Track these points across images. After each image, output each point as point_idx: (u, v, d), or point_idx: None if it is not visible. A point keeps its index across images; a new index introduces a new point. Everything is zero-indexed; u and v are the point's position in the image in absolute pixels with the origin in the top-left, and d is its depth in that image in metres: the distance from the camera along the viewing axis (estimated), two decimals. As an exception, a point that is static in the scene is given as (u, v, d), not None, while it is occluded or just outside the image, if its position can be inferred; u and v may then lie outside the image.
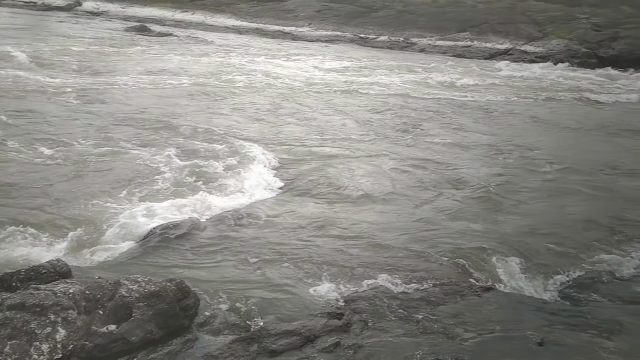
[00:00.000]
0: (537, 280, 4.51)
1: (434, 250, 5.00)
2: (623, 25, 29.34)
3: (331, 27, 32.01)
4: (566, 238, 5.38)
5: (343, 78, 15.58)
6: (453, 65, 21.63)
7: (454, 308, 4.06)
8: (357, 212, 5.88)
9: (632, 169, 8.09)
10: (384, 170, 7.40)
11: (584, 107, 14.03)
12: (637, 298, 4.34)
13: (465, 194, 6.58)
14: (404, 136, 9.49)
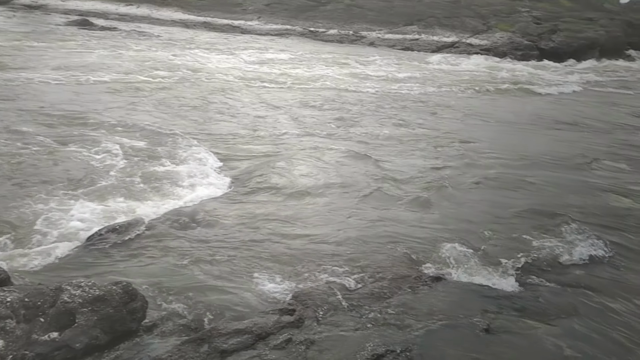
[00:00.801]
0: (484, 268, 4.62)
1: (381, 242, 5.05)
2: (562, 18, 30.52)
3: (281, 20, 31.83)
4: (508, 227, 5.53)
5: (282, 72, 15.43)
6: (393, 58, 21.86)
7: (404, 299, 4.13)
8: (301, 208, 5.83)
9: (567, 159, 8.33)
10: (324, 165, 7.29)
11: (521, 98, 14.48)
12: (578, 283, 4.52)
13: (406, 187, 6.61)
14: (340, 130, 9.42)
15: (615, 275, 4.71)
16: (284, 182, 6.53)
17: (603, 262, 4.93)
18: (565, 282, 4.54)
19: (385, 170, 7.20)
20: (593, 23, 29.21)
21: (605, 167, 7.93)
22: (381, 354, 3.39)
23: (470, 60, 22.63)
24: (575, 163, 8.09)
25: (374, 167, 7.31)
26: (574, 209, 6.09)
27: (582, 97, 15.24)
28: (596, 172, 7.69)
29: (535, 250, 5.03)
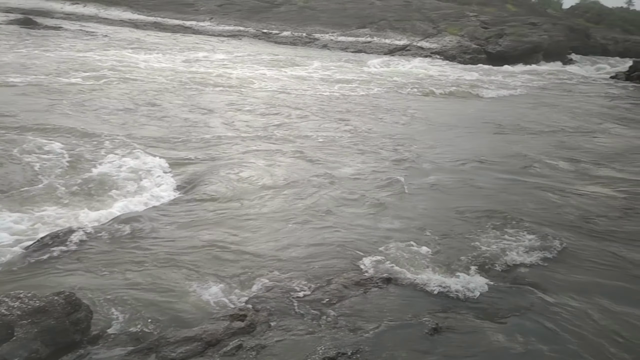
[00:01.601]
0: (433, 269, 4.69)
1: (330, 246, 5.05)
2: (508, 22, 31.60)
3: (233, 21, 31.59)
4: (456, 228, 5.63)
5: (220, 73, 15.18)
6: (336, 59, 21.99)
7: (355, 301, 4.15)
8: (247, 214, 5.74)
9: (510, 161, 8.54)
10: (265, 170, 7.13)
11: (465, 101, 14.81)
12: (525, 281, 4.65)
13: (353, 190, 6.60)
14: (279, 133, 9.29)
15: (561, 272, 4.86)
16: (227, 187, 6.41)
17: (548, 261, 5.07)
18: (513, 280, 4.64)
19: (331, 173, 7.16)
20: (537, 28, 30.36)
21: (546, 167, 8.19)
22: (332, 357, 3.39)
23: (414, 63, 22.97)
24: (518, 165, 8.29)
25: (319, 171, 7.25)
26: (519, 209, 6.27)
27: (524, 99, 15.71)
28: (538, 172, 7.92)
29: (483, 250, 5.14)
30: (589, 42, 36.62)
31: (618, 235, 5.74)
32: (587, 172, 8.09)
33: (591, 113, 13.69)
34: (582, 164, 8.51)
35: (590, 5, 67.27)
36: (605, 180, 7.69)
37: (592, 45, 36.57)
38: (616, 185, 7.45)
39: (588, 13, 63.16)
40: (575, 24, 39.39)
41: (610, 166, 8.47)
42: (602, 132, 11.42)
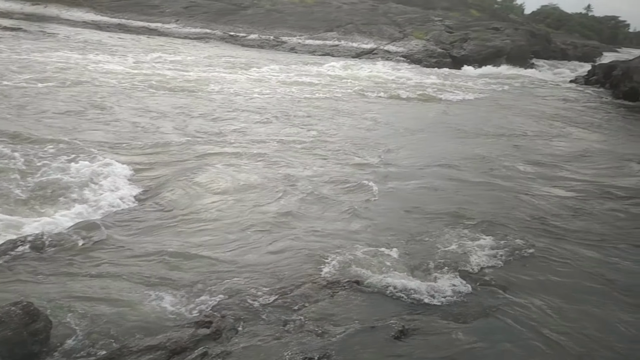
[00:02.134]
0: (400, 271, 4.73)
1: (297, 250, 5.03)
2: (472, 27, 32.24)
3: (200, 24, 31.26)
4: (422, 231, 5.65)
5: (175, 76, 14.86)
6: (302, 63, 21.91)
7: (323, 305, 4.15)
8: (208, 219, 5.64)
9: (473, 163, 8.62)
10: (224, 174, 6.97)
11: (427, 105, 14.89)
12: (491, 282, 4.72)
13: (317, 194, 6.56)
14: (236, 137, 9.01)
15: (522, 272, 4.96)
16: (186, 193, 6.26)
17: (511, 261, 5.17)
18: (478, 281, 4.71)
19: (293, 177, 7.08)
20: (500, 33, 31.04)
21: (506, 170, 8.31)
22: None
23: (377, 67, 23.06)
24: (479, 168, 8.39)
25: (281, 175, 7.15)
26: (481, 211, 6.36)
27: (486, 103, 15.90)
28: (498, 175, 8.03)
29: (448, 252, 5.20)
30: (550, 47, 37.66)
31: (573, 234, 5.91)
32: (545, 174, 8.27)
33: (550, 116, 14.01)
34: (540, 166, 8.70)
35: (550, 11, 69.42)
36: (561, 182, 7.88)
37: (553, 50, 37.62)
38: (571, 186, 7.65)
39: (548, 18, 65.17)
40: (537, 29, 40.52)
41: (566, 168, 8.67)
42: (560, 135, 11.69)
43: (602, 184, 7.82)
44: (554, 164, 8.86)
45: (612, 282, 4.89)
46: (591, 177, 8.19)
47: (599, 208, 6.80)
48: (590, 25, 69.94)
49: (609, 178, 8.20)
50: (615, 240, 5.84)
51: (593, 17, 79.67)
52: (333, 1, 35.41)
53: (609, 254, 5.47)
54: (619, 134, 12.32)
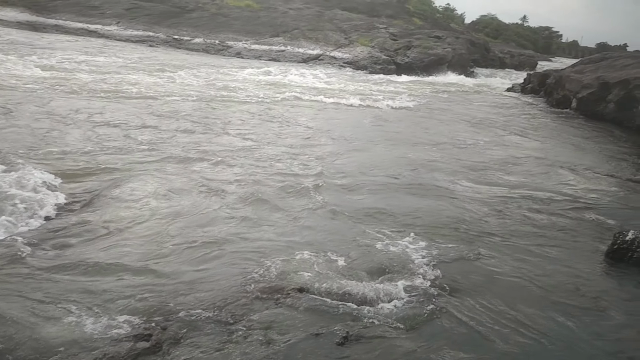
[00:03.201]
0: (344, 278, 4.78)
1: (238, 259, 4.98)
2: (415, 35, 33.06)
3: (142, 26, 30.54)
4: (364, 237, 5.73)
5: (99, 79, 14.33)
6: (236, 67, 21.59)
7: (267, 314, 4.14)
8: (138, 230, 5.44)
9: (407, 170, 8.72)
10: (153, 185, 6.70)
11: (363, 112, 14.76)
12: (435, 286, 4.86)
13: (252, 203, 6.44)
14: (159, 145, 8.66)
15: (463, 276, 5.13)
16: (116, 205, 5.99)
17: (451, 265, 5.34)
18: (421, 286, 4.81)
19: (228, 187, 6.91)
20: (441, 41, 32.00)
21: (442, 175, 8.51)
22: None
23: (312, 72, 22.92)
24: (417, 173, 8.51)
25: (214, 185, 6.93)
26: (422, 216, 6.53)
27: (424, 109, 16.06)
28: (435, 181, 8.20)
29: (391, 258, 5.29)
30: (489, 56, 39.18)
31: (501, 236, 6.17)
32: (478, 179, 8.50)
33: (486, 123, 14.43)
34: (474, 171, 8.94)
35: (489, 21, 72.11)
36: (493, 187, 8.13)
37: (491, 59, 39.16)
38: (502, 191, 7.92)
39: (487, 28, 67.68)
40: (476, 38, 42.06)
41: (498, 173, 8.93)
42: (495, 141, 12.03)
43: (530, 189, 8.17)
44: (488, 169, 9.15)
45: (536, 280, 5.15)
46: (521, 182, 8.52)
47: (525, 212, 7.09)
48: (526, 35, 73.17)
49: (537, 183, 8.57)
50: (539, 242, 6.13)
51: (529, 28, 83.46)
52: (279, 6, 35.47)
53: (534, 255, 5.74)
54: (550, 140, 12.90)
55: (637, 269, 5.62)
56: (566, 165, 10.01)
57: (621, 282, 5.38)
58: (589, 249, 6.07)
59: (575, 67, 21.13)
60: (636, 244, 5.82)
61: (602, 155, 11.54)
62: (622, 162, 10.85)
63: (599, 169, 9.95)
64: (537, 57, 50.14)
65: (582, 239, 6.33)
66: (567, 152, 11.48)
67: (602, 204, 7.75)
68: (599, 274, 5.52)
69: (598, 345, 4.21)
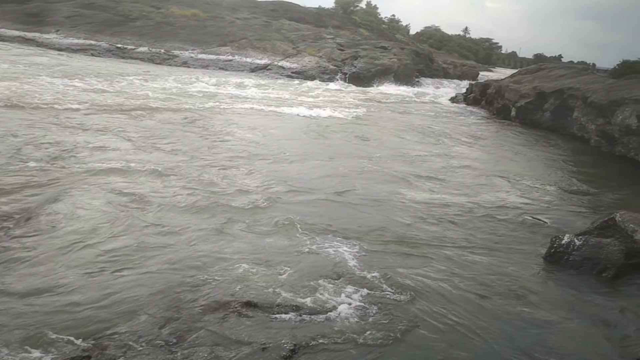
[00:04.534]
0: (290, 290, 4.77)
1: (181, 274, 4.86)
2: (362, 46, 33.54)
3: (84, 35, 29.57)
4: (305, 249, 5.71)
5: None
6: (163, 76, 20.69)
7: (213, 329, 4.06)
8: (78, 246, 5.27)
9: (343, 184, 8.79)
10: (77, 203, 6.37)
11: (305, 121, 14.52)
12: (376, 294, 4.91)
13: (190, 217, 6.32)
14: (75, 158, 8.18)
15: (409, 283, 5.22)
16: (41, 225, 5.70)
17: (396, 274, 5.42)
18: (367, 295, 4.86)
19: (158, 200, 6.72)
20: (387, 51, 32.61)
21: (383, 184, 8.63)
22: (187, 392, 3.28)
23: (251, 81, 22.65)
24: (358, 185, 8.44)
25: (141, 198, 6.72)
26: (363, 228, 6.55)
27: (368, 120, 16.04)
28: (375, 192, 8.23)
29: (335, 269, 5.31)
30: (433, 66, 40.19)
31: (443, 243, 6.35)
32: (419, 186, 8.72)
33: (429, 132, 14.69)
34: (415, 179, 9.14)
35: (432, 32, 74.24)
36: (432, 195, 8.34)
37: (435, 69, 40.17)
38: (440, 199, 8.14)
39: (431, 39, 69.63)
40: (421, 49, 43.10)
41: (438, 182, 9.11)
42: (436, 150, 12.29)
43: (470, 197, 8.42)
44: (430, 179, 9.28)
45: (478, 284, 5.33)
46: (462, 191, 8.72)
47: (467, 220, 7.29)
48: (468, 46, 75.72)
49: (477, 192, 8.81)
50: (481, 248, 6.34)
51: (470, 39, 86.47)
52: (226, 16, 35.20)
53: (475, 261, 5.94)
54: (491, 149, 13.33)
55: (573, 270, 5.89)
56: (505, 173, 10.35)
57: (558, 283, 5.63)
58: (530, 253, 6.31)
59: (513, 78, 22.01)
60: (571, 248, 6.11)
61: (540, 164, 12.04)
62: (558, 171, 11.35)
63: (536, 177, 10.36)
64: (478, 67, 51.86)
65: (522, 245, 6.58)
66: (507, 161, 11.89)
67: (540, 210, 8.09)
68: (538, 276, 5.75)
69: (535, 341, 4.40)
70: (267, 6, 41.12)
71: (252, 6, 40.37)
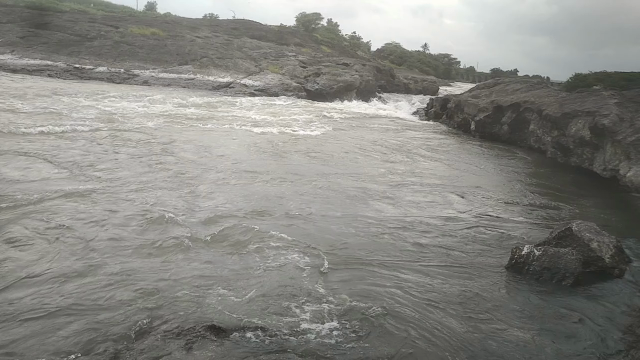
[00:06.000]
0: (255, 312, 4.73)
1: (138, 300, 4.72)
2: (323, 62, 33.91)
3: (40, 55, 28.91)
4: (267, 269, 5.69)
5: None
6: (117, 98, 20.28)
7: (176, 356, 3.97)
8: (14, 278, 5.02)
9: (303, 201, 8.93)
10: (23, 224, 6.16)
11: (264, 138, 14.77)
12: (341, 314, 4.91)
13: (139, 237, 6.19)
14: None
15: (375, 298, 5.23)
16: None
17: (360, 289, 5.43)
18: (332, 312, 4.87)
19: (109, 221, 6.56)
20: (349, 68, 33.04)
21: (343, 203, 8.64)
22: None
23: (213, 99, 22.46)
24: (317, 204, 8.49)
25: (80, 221, 6.51)
26: (325, 246, 6.52)
27: (330, 136, 16.07)
28: (335, 209, 8.32)
29: (300, 288, 5.29)
30: (394, 81, 40.93)
31: (408, 258, 6.41)
32: (373, 204, 8.76)
33: (390, 148, 14.75)
34: (372, 195, 9.19)
35: (393, 48, 75.73)
36: (396, 209, 8.42)
37: (397, 84, 40.92)
38: (406, 215, 8.22)
39: (392, 55, 70.99)
40: (382, 65, 43.86)
41: (399, 199, 9.14)
42: (396, 166, 12.41)
43: (432, 212, 8.53)
44: (390, 196, 9.28)
45: (442, 297, 5.38)
46: (423, 207, 8.78)
47: (429, 234, 7.36)
48: (427, 61, 77.48)
49: (439, 206, 8.93)
50: (444, 262, 6.41)
51: (430, 55, 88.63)
52: (186, 35, 35.04)
53: (437, 274, 6.01)
54: (451, 163, 13.50)
55: (534, 280, 6.02)
56: (465, 187, 10.52)
57: (518, 293, 5.74)
58: (491, 264, 6.42)
59: (472, 92, 22.58)
60: (531, 258, 6.25)
61: (499, 177, 12.31)
62: (517, 183, 11.61)
63: (495, 190, 10.59)
64: (438, 82, 53.03)
65: (484, 257, 6.68)
66: (467, 175, 12.08)
67: (499, 222, 8.24)
68: (499, 286, 5.84)
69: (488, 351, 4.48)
70: (228, 24, 41.22)
71: (213, 25, 40.40)
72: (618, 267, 6.37)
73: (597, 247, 6.40)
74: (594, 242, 6.44)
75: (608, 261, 6.33)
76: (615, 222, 8.72)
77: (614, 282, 6.16)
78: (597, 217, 8.83)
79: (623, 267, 6.43)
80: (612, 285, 6.09)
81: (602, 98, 13.10)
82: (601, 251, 6.38)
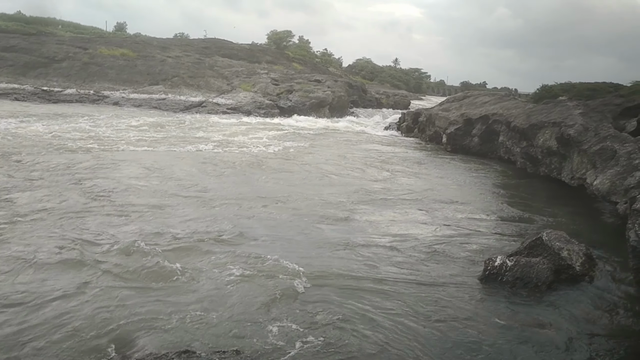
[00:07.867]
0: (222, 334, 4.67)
1: (104, 329, 4.59)
2: (295, 80, 34.06)
3: (6, 78, 28.45)
4: (239, 294, 5.56)
5: None
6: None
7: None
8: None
9: (275, 220, 8.91)
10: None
11: (234, 156, 14.91)
12: (317, 334, 4.88)
13: (109, 259, 6.12)
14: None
15: (354, 314, 5.23)
16: None
17: (338, 306, 5.42)
18: (309, 332, 4.85)
19: (83, 242, 6.54)
20: (321, 84, 33.25)
21: (315, 218, 8.66)
22: None
23: (187, 117, 22.64)
24: (286, 222, 8.45)
25: (47, 241, 6.50)
26: (301, 264, 6.45)
27: (303, 152, 16.11)
28: (303, 227, 8.33)
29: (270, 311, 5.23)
30: (366, 97, 41.33)
31: (385, 273, 6.43)
32: (338, 216, 8.80)
33: (362, 162, 14.86)
34: (340, 207, 9.25)
35: (364, 64, 76.70)
36: (358, 228, 8.31)
37: (369, 99, 41.32)
38: (379, 229, 8.26)
39: (363, 71, 71.86)
40: (354, 81, 44.26)
41: (371, 214, 9.15)
42: (369, 182, 12.45)
43: (404, 226, 8.60)
44: (356, 209, 9.29)
45: (418, 310, 5.39)
46: (390, 221, 8.78)
47: (400, 248, 7.41)
48: (398, 76, 78.68)
49: (412, 219, 9.02)
50: (419, 276, 6.45)
51: (400, 69, 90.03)
52: (157, 54, 34.85)
53: (414, 287, 6.05)
54: (422, 177, 13.66)
55: (507, 290, 6.09)
56: (437, 200, 10.59)
57: (492, 303, 5.80)
58: (466, 276, 6.47)
59: (442, 105, 22.94)
60: (504, 268, 6.32)
61: (470, 188, 12.47)
62: (488, 194, 11.79)
63: (467, 202, 10.70)
64: (410, 96, 53.69)
65: (458, 269, 6.73)
66: (439, 187, 12.16)
67: (472, 234, 8.32)
68: (473, 297, 5.89)
69: None
70: (200, 44, 41.18)
71: (184, 44, 40.30)
72: (588, 274, 6.48)
73: (568, 256, 6.51)
74: (564, 251, 6.55)
75: (579, 269, 6.44)
76: (584, 230, 8.89)
77: (584, 289, 6.26)
78: (567, 225, 8.99)
79: (593, 274, 6.55)
80: (583, 292, 6.19)
81: (567, 109, 13.43)
82: (571, 259, 6.49)
